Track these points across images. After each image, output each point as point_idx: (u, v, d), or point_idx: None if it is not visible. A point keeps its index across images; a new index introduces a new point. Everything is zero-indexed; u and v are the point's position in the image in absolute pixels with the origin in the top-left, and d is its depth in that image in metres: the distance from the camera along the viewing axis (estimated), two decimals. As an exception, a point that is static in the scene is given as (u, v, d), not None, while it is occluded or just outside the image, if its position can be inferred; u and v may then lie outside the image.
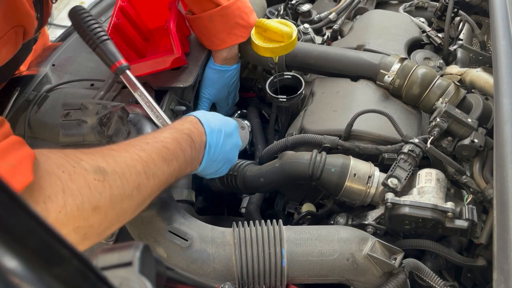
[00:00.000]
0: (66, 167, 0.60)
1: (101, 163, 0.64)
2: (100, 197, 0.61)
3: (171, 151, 0.75)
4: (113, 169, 0.65)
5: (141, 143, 0.73)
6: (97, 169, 0.63)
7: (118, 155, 0.67)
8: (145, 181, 0.69)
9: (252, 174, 0.99)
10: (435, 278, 0.79)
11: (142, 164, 0.69)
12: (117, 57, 0.92)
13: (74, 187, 0.59)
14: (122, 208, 0.66)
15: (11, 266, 0.22)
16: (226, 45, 1.16)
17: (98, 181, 0.62)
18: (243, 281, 0.79)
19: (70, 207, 0.58)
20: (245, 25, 1.14)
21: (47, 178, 0.57)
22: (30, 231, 0.23)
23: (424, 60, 1.19)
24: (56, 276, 0.25)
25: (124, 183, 0.65)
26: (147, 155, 0.71)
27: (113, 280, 0.29)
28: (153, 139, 0.75)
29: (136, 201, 0.68)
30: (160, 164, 0.72)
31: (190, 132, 0.81)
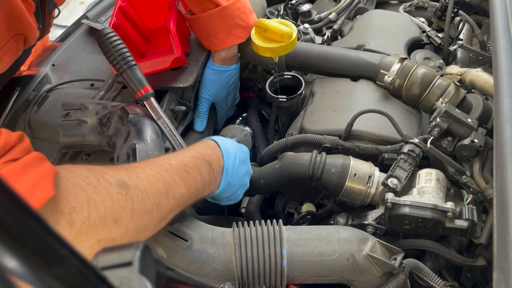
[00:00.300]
0: (90, 179, 0.61)
1: (124, 177, 0.65)
2: (122, 210, 0.63)
3: (191, 176, 0.76)
4: (136, 184, 0.66)
5: (164, 163, 0.75)
6: (121, 183, 0.64)
7: (141, 172, 0.69)
8: (165, 200, 0.70)
9: (253, 176, 0.99)
10: (435, 278, 0.79)
11: (164, 183, 0.71)
12: (144, 84, 0.93)
13: (98, 199, 0.60)
14: (143, 224, 0.67)
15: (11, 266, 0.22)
16: (225, 45, 1.16)
17: (121, 195, 0.63)
18: (243, 281, 0.79)
19: (94, 218, 0.59)
20: (244, 26, 1.14)
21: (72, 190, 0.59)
22: (30, 231, 0.23)
23: (424, 60, 1.19)
24: (56, 276, 0.25)
25: (145, 199, 0.67)
26: (169, 176, 0.72)
27: (113, 280, 0.29)
28: (176, 161, 0.77)
29: (155, 219, 0.69)
30: (180, 187, 0.74)
31: (210, 158, 0.83)
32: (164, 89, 1.12)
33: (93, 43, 1.38)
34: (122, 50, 0.93)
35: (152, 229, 0.71)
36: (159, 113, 0.95)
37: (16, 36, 0.92)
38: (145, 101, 0.94)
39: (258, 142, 1.27)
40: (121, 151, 0.92)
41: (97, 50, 1.34)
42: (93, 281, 0.27)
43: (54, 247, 0.25)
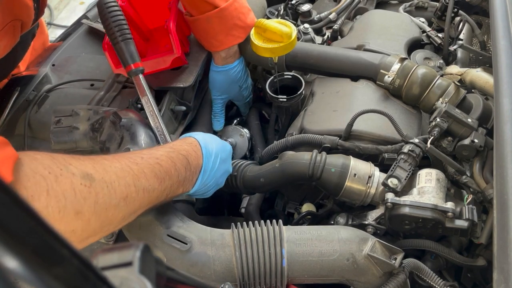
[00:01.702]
0: (53, 168, 0.59)
1: (89, 169, 0.63)
2: (84, 202, 0.61)
3: (164, 169, 0.75)
4: (101, 177, 0.64)
5: (135, 156, 0.73)
6: (85, 174, 0.62)
7: (109, 165, 0.67)
8: (134, 194, 0.68)
9: (252, 174, 0.99)
10: (435, 278, 0.79)
11: (132, 176, 0.69)
12: (135, 59, 0.93)
13: (59, 190, 0.58)
14: (107, 217, 0.65)
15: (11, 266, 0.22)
16: (225, 46, 1.16)
17: (84, 186, 0.61)
18: (244, 282, 0.79)
19: (52, 209, 0.57)
20: (243, 26, 1.14)
21: (31, 177, 0.57)
22: (30, 231, 0.23)
23: (424, 60, 1.19)
24: (56, 276, 0.25)
25: (112, 192, 0.65)
26: (139, 169, 0.71)
27: (113, 280, 0.29)
28: (148, 155, 0.75)
29: (122, 213, 0.68)
30: (151, 180, 0.72)
31: (188, 154, 0.81)
32: (164, 89, 1.12)
33: (93, 43, 1.38)
34: (120, 22, 0.93)
35: (118, 222, 0.69)
36: (144, 90, 0.94)
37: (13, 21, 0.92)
38: (133, 76, 0.94)
39: (256, 141, 1.27)
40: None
41: (97, 50, 1.35)
42: (93, 281, 0.27)
43: (54, 247, 0.25)
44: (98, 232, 0.66)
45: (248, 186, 1.00)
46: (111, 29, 0.93)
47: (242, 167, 1.01)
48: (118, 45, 0.93)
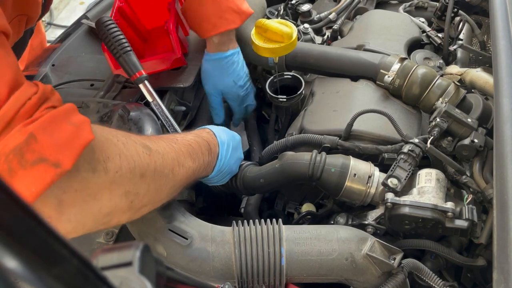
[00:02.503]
0: (119, 137, 0.67)
1: (146, 141, 0.72)
2: (147, 168, 0.69)
3: (195, 150, 0.83)
4: (156, 149, 0.73)
5: (172, 137, 0.82)
6: (144, 145, 0.71)
7: (157, 141, 0.76)
8: (177, 168, 0.76)
9: (252, 175, 0.99)
10: (435, 278, 0.79)
11: (175, 153, 0.77)
12: (138, 68, 1.00)
13: (128, 154, 0.66)
14: (160, 186, 0.73)
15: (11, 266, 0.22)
16: (218, 30, 1.13)
17: (146, 154, 0.69)
18: (243, 279, 0.79)
19: (125, 169, 0.65)
20: (236, 10, 1.12)
21: (105, 142, 0.64)
22: (30, 231, 0.23)
23: (424, 60, 1.19)
24: (56, 276, 0.25)
25: (164, 163, 0.73)
26: (178, 148, 0.79)
27: (113, 280, 0.29)
28: (181, 138, 0.83)
29: (170, 184, 0.75)
30: (187, 158, 0.80)
31: (209, 140, 0.89)
32: (164, 89, 1.12)
33: (93, 43, 1.38)
34: (118, 37, 1.00)
35: (167, 193, 0.76)
36: (153, 95, 1.00)
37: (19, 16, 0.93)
38: (140, 84, 1.00)
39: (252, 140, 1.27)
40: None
41: (97, 50, 1.35)
42: (93, 281, 0.27)
43: (54, 247, 0.25)
44: (152, 200, 0.73)
45: (248, 187, 1.00)
46: (112, 44, 1.00)
47: (242, 168, 1.01)
48: (120, 58, 0.99)
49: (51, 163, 0.54)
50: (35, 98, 0.59)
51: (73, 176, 0.58)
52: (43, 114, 0.58)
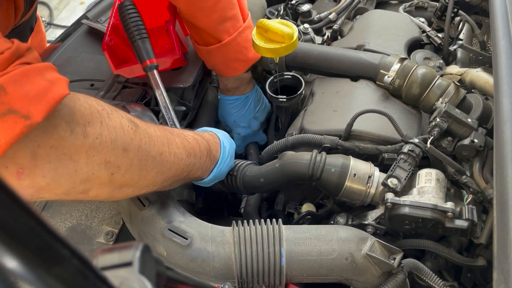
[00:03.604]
0: (105, 107, 0.66)
1: (134, 119, 0.70)
2: (131, 142, 0.67)
3: (191, 145, 0.80)
4: (144, 128, 0.71)
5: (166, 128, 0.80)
6: (131, 120, 0.69)
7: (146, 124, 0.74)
8: (167, 154, 0.74)
9: (252, 175, 0.99)
10: (435, 278, 0.79)
11: (167, 139, 0.75)
12: (150, 56, 1.01)
13: (111, 124, 0.64)
14: (146, 166, 0.70)
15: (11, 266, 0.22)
16: (224, 75, 1.19)
17: (131, 129, 0.67)
18: (243, 279, 0.79)
19: (106, 138, 0.63)
20: (244, 60, 1.14)
21: (87, 108, 0.62)
22: (30, 231, 0.23)
23: (424, 60, 1.19)
24: (56, 276, 0.25)
25: (152, 144, 0.71)
26: (172, 137, 0.77)
27: (113, 280, 0.29)
28: (178, 130, 0.82)
29: (157, 168, 0.73)
30: (180, 150, 0.77)
31: (209, 142, 0.87)
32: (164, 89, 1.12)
33: (93, 43, 1.38)
34: (137, 22, 1.01)
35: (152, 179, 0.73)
36: (158, 84, 1.01)
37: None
38: (149, 71, 1.01)
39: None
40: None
41: (97, 50, 1.35)
42: (93, 281, 0.27)
43: (54, 247, 0.25)
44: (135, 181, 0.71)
45: (248, 186, 1.00)
46: (130, 28, 1.01)
47: (242, 167, 1.01)
48: (136, 42, 1.00)
49: (21, 115, 0.53)
50: (8, 52, 0.57)
51: (50, 133, 0.58)
52: (15, 69, 0.57)
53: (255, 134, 1.29)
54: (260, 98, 1.28)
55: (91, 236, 0.93)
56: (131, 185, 0.71)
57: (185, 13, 1.08)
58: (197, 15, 1.05)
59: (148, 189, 0.75)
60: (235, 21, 1.08)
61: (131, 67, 1.08)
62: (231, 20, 1.07)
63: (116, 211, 0.96)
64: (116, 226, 0.94)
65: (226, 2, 1.05)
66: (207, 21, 1.06)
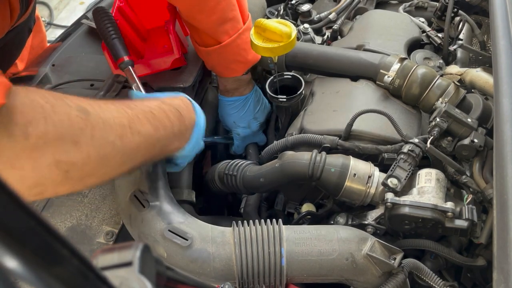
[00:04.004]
0: (49, 99, 0.59)
1: (84, 105, 0.63)
2: (81, 133, 0.61)
3: (158, 118, 0.75)
4: (97, 113, 0.64)
5: (129, 103, 0.74)
6: (80, 108, 0.62)
7: (103, 105, 0.67)
8: (129, 135, 0.68)
9: (252, 174, 0.99)
10: (435, 278, 0.79)
11: (127, 118, 0.69)
12: (121, 54, 1.02)
13: (56, 118, 0.58)
14: (105, 155, 0.65)
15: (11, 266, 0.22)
16: (223, 76, 1.19)
17: (80, 118, 0.61)
18: (243, 280, 0.79)
19: (51, 135, 0.57)
20: (242, 61, 1.14)
21: (28, 104, 0.56)
22: (30, 231, 0.23)
23: (424, 60, 1.19)
24: (56, 276, 0.25)
25: (107, 129, 0.65)
26: (134, 114, 0.71)
27: (113, 280, 0.29)
28: (140, 103, 0.76)
29: (120, 153, 0.67)
30: (145, 125, 0.72)
31: (179, 107, 0.82)
32: (164, 89, 1.12)
33: (93, 43, 1.38)
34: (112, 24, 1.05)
35: (117, 164, 0.69)
36: (134, 79, 1.02)
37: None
38: (125, 67, 1.02)
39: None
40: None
41: (97, 50, 1.35)
42: (93, 281, 0.27)
43: (54, 247, 0.25)
44: (98, 168, 0.66)
45: (248, 186, 1.00)
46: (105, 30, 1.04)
47: (241, 167, 1.01)
48: (112, 41, 1.03)
49: None
50: None
51: None
52: None
53: (255, 134, 1.29)
54: (259, 98, 1.28)
55: (91, 236, 0.93)
56: (93, 175, 0.66)
57: (185, 14, 1.08)
58: (197, 16, 1.05)
59: (117, 172, 0.71)
60: (235, 23, 1.08)
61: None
62: (231, 22, 1.07)
63: (116, 211, 0.96)
64: (116, 226, 0.94)
65: (226, 3, 1.05)
66: (207, 23, 1.05)
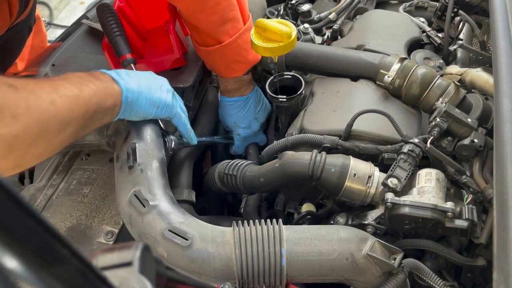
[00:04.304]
0: None
1: (10, 81, 0.65)
2: (17, 107, 0.63)
3: (77, 80, 0.76)
4: (23, 86, 0.66)
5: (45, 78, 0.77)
6: (9, 84, 0.64)
7: (25, 80, 0.69)
8: (59, 99, 0.70)
9: (252, 174, 0.99)
10: (435, 278, 0.79)
11: (50, 86, 0.71)
12: (124, 52, 1.02)
13: None
14: (43, 121, 0.67)
15: (11, 266, 0.22)
16: (223, 76, 1.19)
17: (12, 93, 0.63)
18: (243, 280, 0.79)
19: None
20: (243, 61, 1.15)
21: None
22: (30, 231, 0.23)
23: (424, 60, 1.19)
24: (56, 276, 0.25)
25: (38, 97, 0.67)
26: (54, 81, 0.73)
27: (113, 280, 0.29)
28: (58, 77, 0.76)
29: (56, 117, 0.69)
30: (69, 87, 0.73)
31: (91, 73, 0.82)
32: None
33: (93, 43, 1.38)
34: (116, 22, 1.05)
35: (57, 129, 0.71)
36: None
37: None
38: (126, 66, 1.02)
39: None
40: (120, 151, 0.92)
41: (97, 50, 1.35)
42: (93, 281, 0.27)
43: (54, 247, 0.25)
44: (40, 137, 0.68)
45: (248, 186, 1.00)
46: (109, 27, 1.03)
47: (242, 167, 1.01)
48: (115, 39, 1.03)
49: None
50: None
51: None
52: None
53: (256, 135, 1.29)
54: (260, 99, 1.28)
55: (91, 236, 0.93)
56: (36, 145, 0.68)
57: (185, 14, 1.08)
58: (197, 16, 1.05)
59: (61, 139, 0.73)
60: (235, 23, 1.08)
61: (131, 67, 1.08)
62: (231, 22, 1.07)
63: (116, 211, 0.96)
64: (116, 226, 0.94)
65: (227, 3, 1.05)
66: (207, 22, 1.06)
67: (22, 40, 1.22)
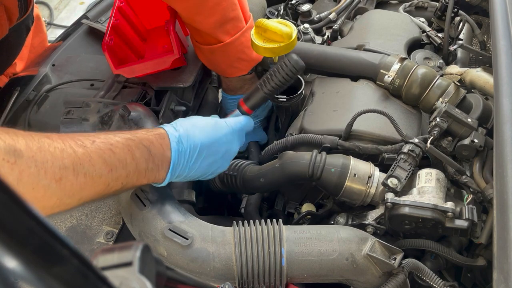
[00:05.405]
0: None
1: (20, 146, 0.60)
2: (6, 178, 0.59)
3: (117, 156, 0.71)
4: (32, 155, 0.61)
5: (85, 139, 0.69)
6: (12, 150, 0.59)
7: (48, 143, 0.64)
8: (71, 177, 0.65)
9: (252, 174, 0.99)
10: (435, 278, 0.79)
11: (73, 159, 0.65)
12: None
13: None
14: (36, 198, 0.62)
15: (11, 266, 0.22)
16: (226, 75, 1.19)
17: (7, 162, 0.58)
18: (243, 280, 0.79)
19: None
20: (247, 59, 1.14)
21: None
22: (30, 231, 0.23)
23: (424, 60, 1.19)
24: (56, 276, 0.25)
25: (41, 173, 0.62)
26: (85, 153, 0.67)
27: (113, 280, 0.29)
28: (101, 139, 0.71)
29: (56, 195, 0.65)
30: (98, 165, 0.68)
31: (150, 145, 0.76)
32: (164, 89, 1.12)
33: (93, 43, 1.38)
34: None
35: (52, 206, 0.66)
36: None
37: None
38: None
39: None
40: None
41: (97, 50, 1.35)
42: (93, 281, 0.27)
43: (54, 247, 0.25)
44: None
45: (248, 186, 1.00)
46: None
47: (241, 167, 1.01)
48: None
49: None
50: None
51: None
52: None
53: (255, 131, 1.29)
54: None
55: (91, 236, 0.93)
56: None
57: (184, 16, 1.08)
58: (195, 18, 1.05)
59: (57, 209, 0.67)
60: (237, 22, 1.08)
61: (131, 67, 1.08)
62: (233, 21, 1.07)
63: (116, 211, 0.96)
64: (116, 226, 0.94)
65: (228, 3, 1.04)
66: (206, 23, 1.05)
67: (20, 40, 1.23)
